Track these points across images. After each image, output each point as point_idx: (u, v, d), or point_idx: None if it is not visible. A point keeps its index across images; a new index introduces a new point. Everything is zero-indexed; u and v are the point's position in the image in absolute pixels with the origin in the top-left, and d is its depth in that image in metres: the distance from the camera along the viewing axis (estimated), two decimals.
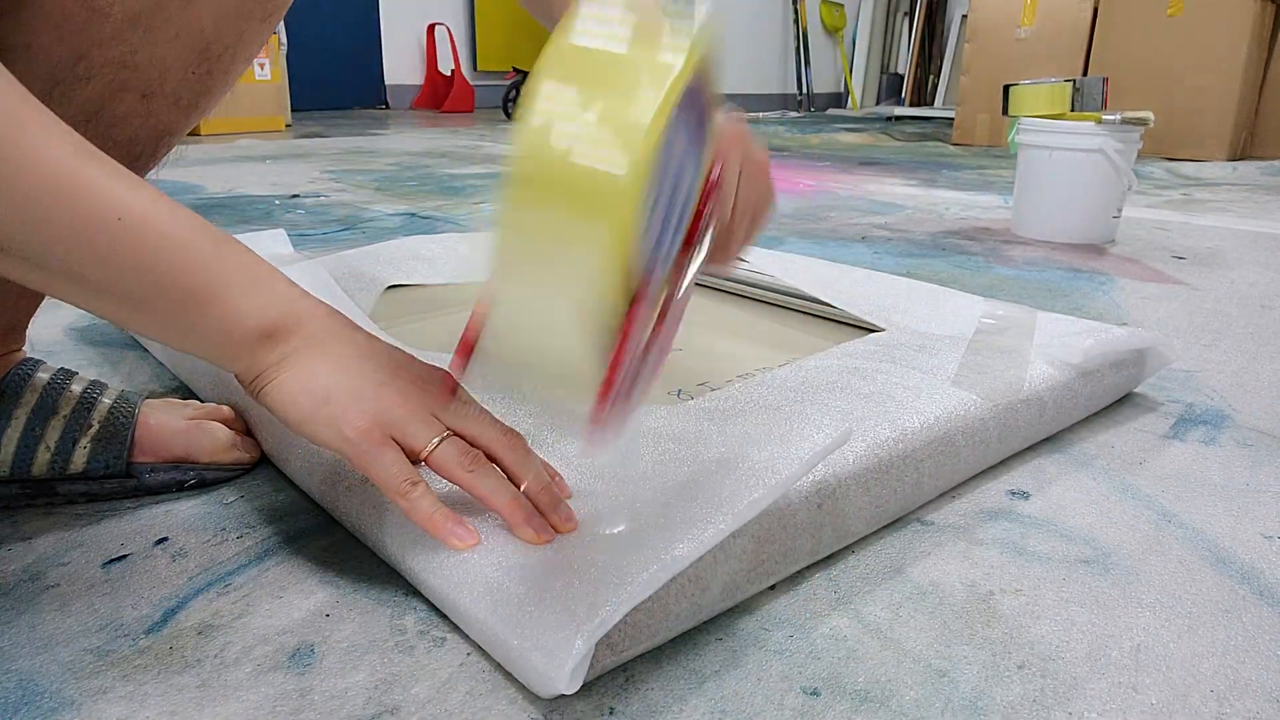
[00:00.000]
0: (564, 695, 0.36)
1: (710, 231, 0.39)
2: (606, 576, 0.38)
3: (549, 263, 0.30)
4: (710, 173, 0.38)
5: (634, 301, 0.32)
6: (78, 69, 0.43)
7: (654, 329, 0.37)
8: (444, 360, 0.63)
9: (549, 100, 0.29)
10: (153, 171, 0.51)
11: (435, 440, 0.41)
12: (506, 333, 0.33)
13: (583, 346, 0.31)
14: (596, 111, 0.28)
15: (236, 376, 0.42)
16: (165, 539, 0.49)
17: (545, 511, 0.42)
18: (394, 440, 0.41)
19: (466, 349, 0.37)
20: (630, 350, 0.32)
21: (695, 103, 0.33)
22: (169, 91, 0.46)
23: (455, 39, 4.66)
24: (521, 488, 0.43)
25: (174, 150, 0.51)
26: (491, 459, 0.43)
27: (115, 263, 0.38)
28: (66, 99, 0.43)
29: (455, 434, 0.42)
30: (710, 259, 0.44)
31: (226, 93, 0.51)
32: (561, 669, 0.35)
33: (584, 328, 0.30)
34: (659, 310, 0.36)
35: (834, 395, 0.57)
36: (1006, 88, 1.47)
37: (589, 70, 0.29)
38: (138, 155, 0.48)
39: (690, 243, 0.38)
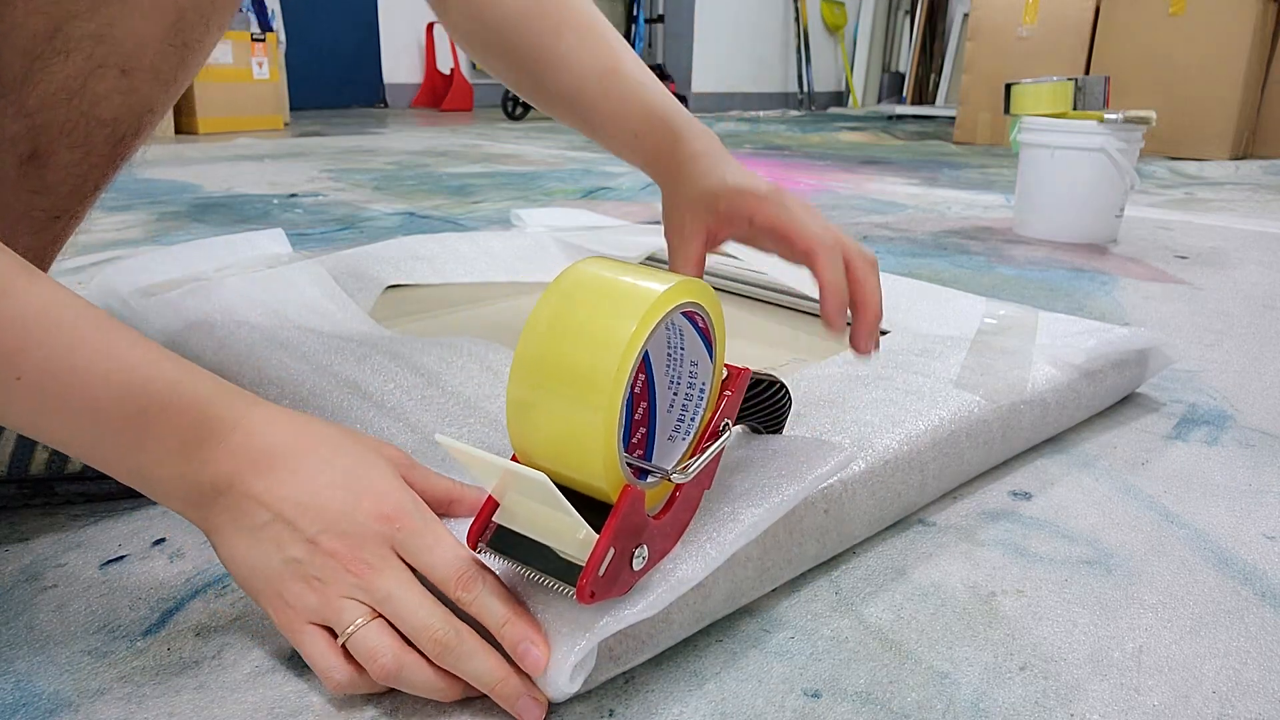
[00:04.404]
0: (564, 698, 0.36)
1: (729, 428, 0.41)
2: None
3: (550, 441, 0.35)
4: (729, 377, 0.42)
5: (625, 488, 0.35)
6: (55, 43, 0.42)
7: (663, 510, 0.38)
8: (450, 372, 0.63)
9: (552, 313, 0.35)
10: (138, 153, 0.51)
11: (350, 627, 0.35)
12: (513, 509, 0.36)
13: (578, 522, 0.34)
14: (587, 321, 0.34)
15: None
16: (163, 540, 0.49)
17: (504, 705, 0.36)
18: (319, 624, 0.36)
19: (482, 521, 0.37)
20: (618, 529, 0.34)
21: (694, 321, 0.38)
22: (148, 65, 0.46)
23: None
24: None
25: (139, 150, 0.51)
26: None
27: (12, 416, 0.35)
28: (47, 77, 0.43)
29: (380, 615, 0.36)
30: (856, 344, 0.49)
31: (202, 64, 0.50)
32: (562, 666, 0.34)
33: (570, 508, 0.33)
34: (669, 495, 0.39)
35: (837, 407, 0.56)
36: (1008, 86, 1.46)
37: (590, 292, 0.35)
38: (121, 135, 0.48)
39: (712, 435, 0.40)
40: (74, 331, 0.35)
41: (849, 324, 0.51)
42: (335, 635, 0.36)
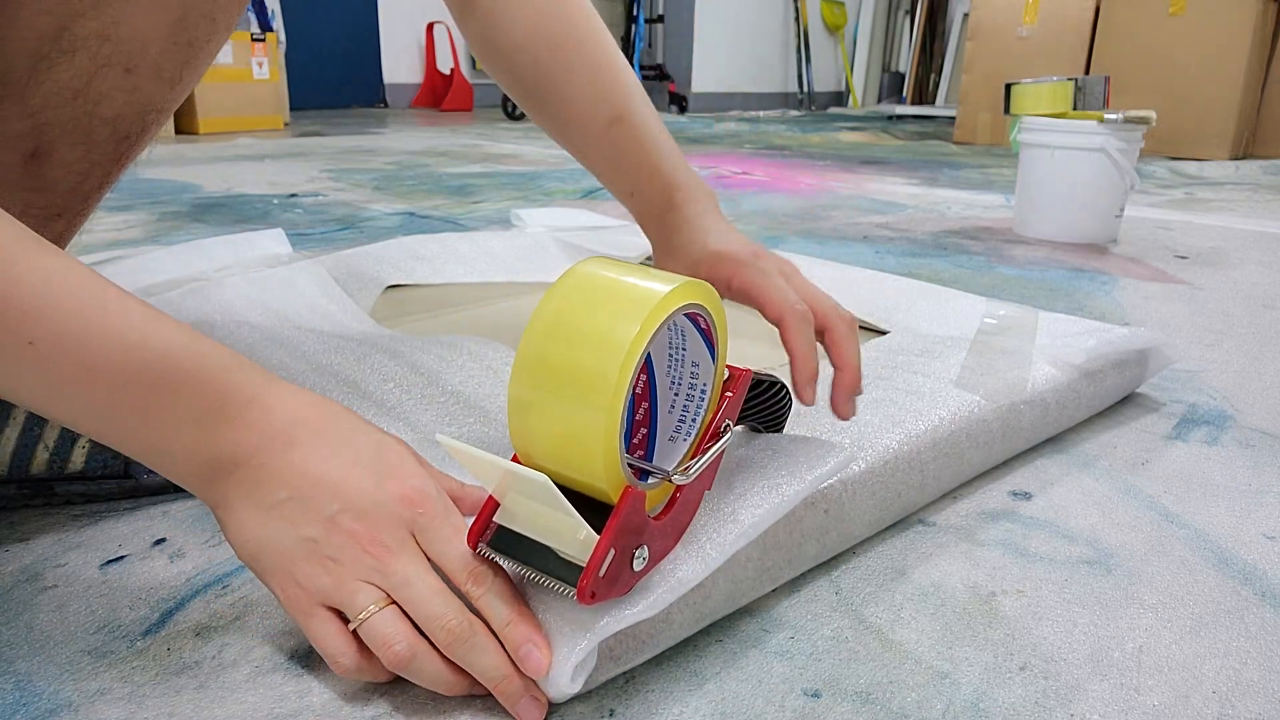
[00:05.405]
0: (565, 698, 0.36)
1: (730, 429, 0.41)
2: None
3: (551, 441, 0.35)
4: (730, 378, 0.41)
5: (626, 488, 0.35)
6: (60, 43, 0.42)
7: (664, 511, 0.38)
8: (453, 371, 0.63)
9: (555, 310, 0.35)
10: (143, 152, 0.51)
11: (364, 613, 0.35)
12: (514, 508, 0.36)
13: (579, 522, 0.33)
14: (589, 322, 0.34)
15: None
16: (163, 540, 0.49)
17: (505, 704, 0.35)
18: (328, 606, 0.36)
19: (483, 522, 0.37)
20: (619, 530, 0.34)
21: (697, 322, 0.38)
22: (151, 64, 0.46)
23: (454, 38, 4.65)
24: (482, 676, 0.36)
25: (145, 149, 0.51)
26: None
27: (21, 387, 0.34)
28: (52, 76, 0.43)
29: (395, 602, 0.35)
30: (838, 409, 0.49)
31: (208, 65, 0.50)
32: (563, 667, 0.34)
33: (571, 509, 0.33)
34: (670, 495, 0.38)
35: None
36: (1008, 86, 1.46)
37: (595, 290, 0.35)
38: (125, 134, 0.47)
39: (713, 436, 0.40)
40: (90, 298, 0.34)
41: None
42: (344, 619, 0.36)
